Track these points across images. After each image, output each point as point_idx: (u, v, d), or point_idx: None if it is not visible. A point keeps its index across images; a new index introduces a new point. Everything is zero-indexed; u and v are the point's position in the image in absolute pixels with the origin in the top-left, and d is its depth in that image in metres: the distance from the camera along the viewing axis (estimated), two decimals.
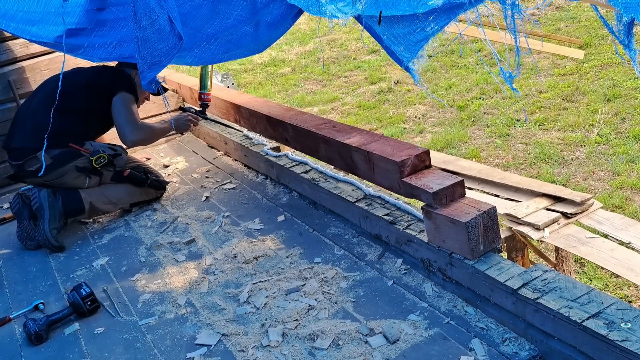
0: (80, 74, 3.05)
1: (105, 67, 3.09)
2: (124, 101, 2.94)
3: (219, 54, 2.53)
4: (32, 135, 2.82)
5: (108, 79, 3.00)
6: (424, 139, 5.88)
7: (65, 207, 2.87)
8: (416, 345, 1.77)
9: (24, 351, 2.10)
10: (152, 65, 2.06)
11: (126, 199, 3.05)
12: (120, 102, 2.94)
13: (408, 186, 2.06)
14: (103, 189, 2.98)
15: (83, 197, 2.90)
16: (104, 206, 2.99)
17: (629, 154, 4.78)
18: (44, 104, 2.91)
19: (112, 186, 3.00)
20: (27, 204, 2.89)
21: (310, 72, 8.66)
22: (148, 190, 3.10)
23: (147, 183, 3.07)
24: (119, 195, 3.02)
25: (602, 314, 1.51)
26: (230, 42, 2.48)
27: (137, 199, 3.08)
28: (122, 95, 2.95)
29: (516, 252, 3.16)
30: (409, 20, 2.11)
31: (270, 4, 2.37)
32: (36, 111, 2.93)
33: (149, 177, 3.08)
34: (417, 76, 2.33)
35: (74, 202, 2.89)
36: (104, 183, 2.98)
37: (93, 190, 2.95)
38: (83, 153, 2.87)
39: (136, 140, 2.96)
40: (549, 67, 6.90)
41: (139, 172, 3.06)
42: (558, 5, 8.72)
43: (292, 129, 2.78)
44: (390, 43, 2.27)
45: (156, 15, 1.93)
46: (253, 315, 2.05)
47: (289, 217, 2.73)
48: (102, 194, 2.97)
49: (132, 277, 2.45)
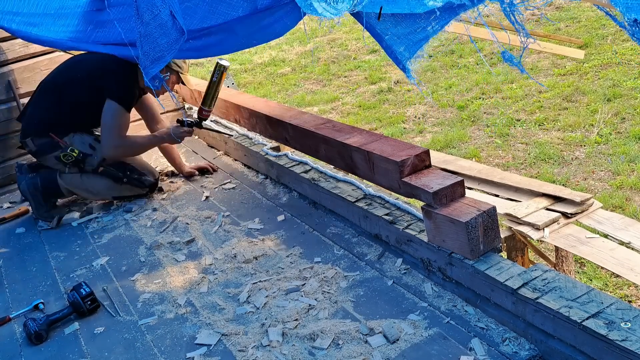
0: (82, 66, 3.04)
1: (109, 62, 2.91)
2: (112, 112, 2.92)
3: (218, 46, 2.53)
4: (29, 120, 3.06)
5: (105, 79, 2.94)
6: (424, 139, 5.88)
7: (44, 190, 3.08)
8: (416, 344, 1.77)
9: (23, 351, 2.10)
10: (155, 61, 2.06)
11: (105, 192, 3.10)
12: (109, 113, 2.92)
13: (408, 186, 2.06)
14: (84, 177, 3.05)
15: (60, 183, 3.07)
16: (82, 193, 3.12)
17: (629, 154, 4.78)
18: (45, 90, 3.06)
19: (93, 177, 3.05)
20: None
21: (310, 72, 8.66)
22: (129, 187, 3.11)
23: (124, 181, 3.07)
24: (98, 187, 3.07)
25: (602, 314, 1.51)
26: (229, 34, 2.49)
27: (117, 193, 3.12)
28: (111, 105, 2.91)
29: (516, 252, 3.16)
30: (411, 19, 2.11)
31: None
32: (38, 96, 3.07)
33: (128, 176, 3.07)
34: (414, 77, 2.32)
35: (51, 185, 3.08)
36: (85, 171, 3.03)
37: (73, 176, 3.05)
38: (61, 145, 2.97)
39: (113, 156, 3.01)
40: (549, 67, 6.90)
41: (118, 169, 3.05)
42: (558, 5, 8.72)
43: (292, 128, 2.78)
44: (391, 42, 2.26)
45: (158, 10, 1.93)
46: (253, 315, 2.05)
47: (289, 216, 2.73)
48: (82, 182, 3.06)
49: (132, 276, 2.45)
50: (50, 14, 2.55)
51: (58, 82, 3.03)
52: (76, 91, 2.97)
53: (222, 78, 2.97)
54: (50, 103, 3.01)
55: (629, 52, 6.74)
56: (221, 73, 2.95)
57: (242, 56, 9.87)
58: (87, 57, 3.07)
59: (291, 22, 2.52)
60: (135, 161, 3.15)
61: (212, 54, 2.76)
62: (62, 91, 2.98)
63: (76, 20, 2.59)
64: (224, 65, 2.94)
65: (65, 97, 2.97)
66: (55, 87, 3.02)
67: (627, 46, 6.88)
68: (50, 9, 2.52)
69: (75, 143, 3.00)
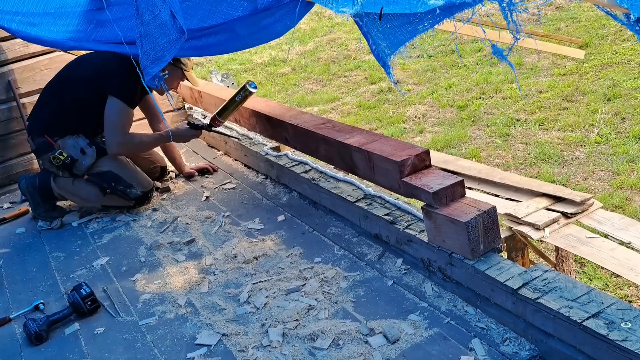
0: (84, 65, 3.02)
1: (110, 60, 2.90)
2: (114, 109, 2.88)
3: (218, 46, 2.52)
4: (32, 119, 3.08)
5: (106, 77, 2.90)
6: (424, 139, 5.88)
7: (41, 193, 3.09)
8: (416, 345, 1.77)
9: (24, 351, 2.10)
10: (155, 61, 2.06)
11: (94, 200, 3.04)
12: (112, 110, 2.88)
13: (408, 186, 2.06)
14: (76, 182, 3.01)
15: (52, 186, 3.06)
16: (72, 198, 3.12)
17: (629, 154, 4.78)
18: (48, 90, 3.06)
19: (84, 183, 3.00)
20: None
21: (310, 72, 8.66)
22: (115, 198, 3.02)
23: (107, 192, 2.98)
24: (87, 194, 3.03)
25: (602, 314, 1.51)
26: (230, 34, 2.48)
27: (105, 202, 3.06)
28: (113, 102, 2.87)
29: (516, 252, 3.16)
30: (405, 17, 2.09)
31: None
32: (43, 95, 3.08)
33: (112, 187, 2.97)
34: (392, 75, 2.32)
35: (45, 188, 3.08)
36: (76, 177, 3.00)
37: (66, 181, 3.02)
38: (54, 147, 2.96)
39: (117, 153, 2.99)
40: (549, 67, 6.90)
41: (104, 179, 2.96)
42: (558, 5, 8.72)
43: (292, 128, 2.78)
44: (377, 39, 2.25)
45: (158, 10, 1.93)
46: (253, 315, 2.05)
47: (289, 216, 2.73)
48: (73, 188, 3.03)
49: (132, 277, 2.45)
50: (51, 13, 2.55)
51: (61, 82, 3.03)
52: (78, 91, 2.95)
53: (245, 100, 2.93)
54: (53, 103, 3.00)
55: (629, 52, 6.74)
56: (246, 96, 2.91)
57: (242, 56, 9.87)
58: (88, 57, 3.06)
59: (292, 21, 2.52)
60: (125, 171, 3.02)
61: (212, 53, 2.75)
62: (64, 91, 2.98)
63: (76, 19, 2.59)
64: (250, 91, 2.89)
65: (67, 97, 2.96)
66: (57, 87, 3.01)
67: (627, 46, 6.88)
68: (51, 8, 2.52)
69: (66, 146, 2.95)
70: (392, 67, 2.22)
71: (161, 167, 3.37)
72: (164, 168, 3.38)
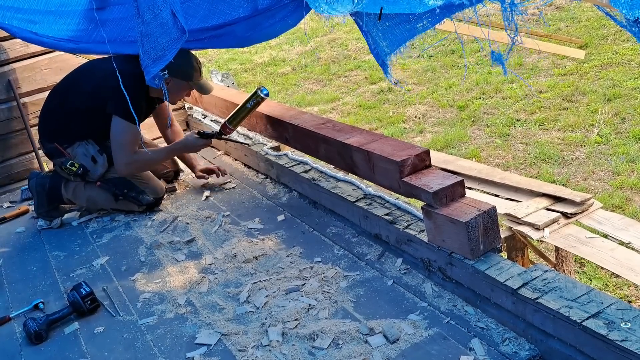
0: (88, 79, 2.95)
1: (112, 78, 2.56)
2: (119, 129, 2.82)
3: (218, 39, 2.53)
4: (40, 121, 3.07)
5: (109, 95, 2.77)
6: (424, 139, 5.88)
7: (49, 195, 3.07)
8: (416, 344, 1.77)
9: (23, 350, 2.10)
10: (156, 60, 2.07)
11: (105, 204, 3.04)
12: (116, 130, 2.83)
13: (408, 186, 2.06)
14: (88, 187, 3.00)
15: (62, 192, 3.04)
16: (83, 202, 3.09)
17: (629, 154, 4.78)
18: (53, 94, 3.04)
19: (96, 189, 2.99)
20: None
21: (310, 72, 8.66)
22: (126, 203, 3.01)
23: (119, 198, 2.97)
24: (98, 198, 3.02)
25: (602, 314, 1.51)
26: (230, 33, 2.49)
27: (117, 207, 3.04)
28: (117, 122, 2.81)
29: (516, 252, 3.16)
30: (405, 17, 2.10)
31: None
32: (48, 98, 3.06)
33: (125, 194, 2.96)
34: (391, 74, 2.32)
35: (55, 191, 3.06)
36: (88, 182, 2.99)
37: (77, 185, 3.01)
38: (65, 155, 2.94)
39: (126, 174, 2.94)
40: (549, 67, 6.90)
41: (117, 185, 2.95)
42: (558, 5, 8.72)
43: (292, 128, 2.78)
44: (377, 38, 2.25)
45: (159, 10, 1.93)
46: (253, 314, 2.05)
47: (289, 216, 2.73)
48: (85, 191, 3.02)
49: (132, 276, 2.45)
50: (52, 12, 2.55)
51: (65, 93, 2.97)
52: (82, 102, 2.89)
53: (257, 106, 2.89)
54: (55, 107, 2.97)
55: (629, 52, 6.74)
56: (257, 103, 2.86)
57: (242, 56, 9.87)
58: (93, 70, 2.99)
59: (292, 21, 2.53)
60: (138, 178, 2.99)
61: (210, 47, 2.75)
62: (69, 103, 2.92)
63: (77, 18, 2.59)
64: (263, 97, 2.83)
65: (72, 108, 2.91)
66: (62, 97, 2.96)
67: (627, 46, 6.89)
68: (52, 5, 2.52)
69: (77, 155, 2.93)
70: (390, 66, 2.23)
71: (174, 172, 3.35)
72: (177, 172, 3.36)
